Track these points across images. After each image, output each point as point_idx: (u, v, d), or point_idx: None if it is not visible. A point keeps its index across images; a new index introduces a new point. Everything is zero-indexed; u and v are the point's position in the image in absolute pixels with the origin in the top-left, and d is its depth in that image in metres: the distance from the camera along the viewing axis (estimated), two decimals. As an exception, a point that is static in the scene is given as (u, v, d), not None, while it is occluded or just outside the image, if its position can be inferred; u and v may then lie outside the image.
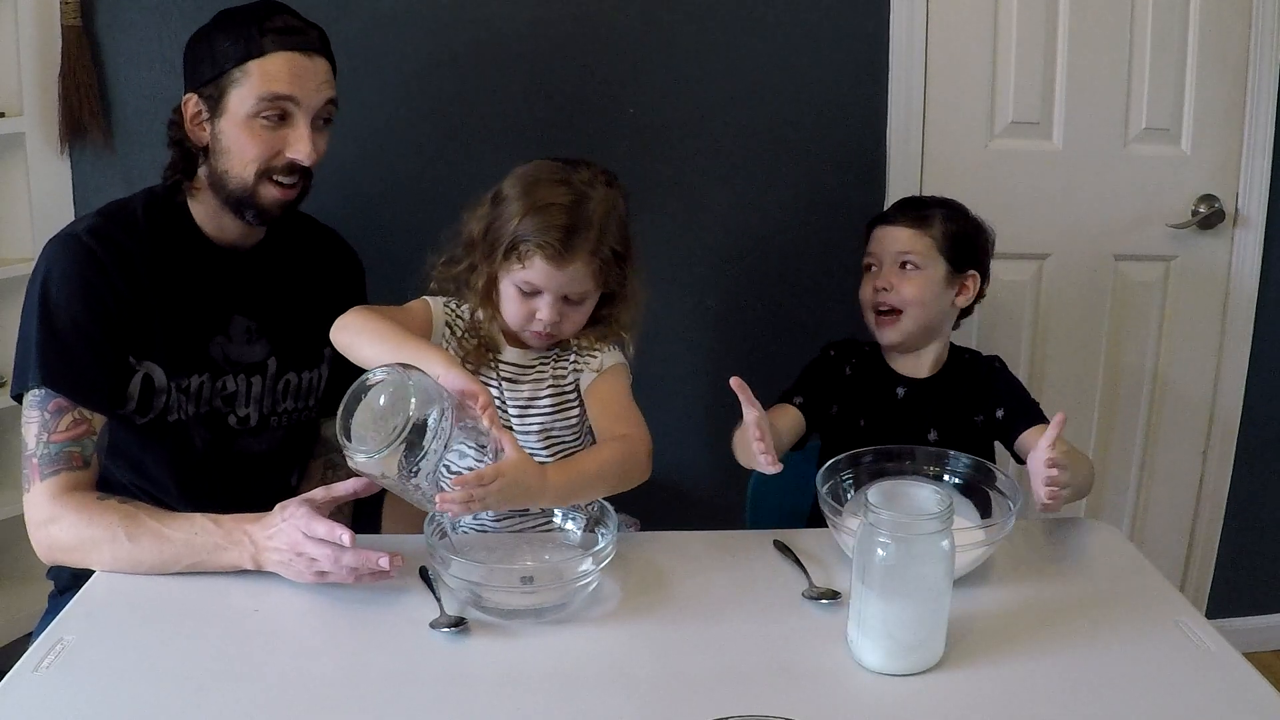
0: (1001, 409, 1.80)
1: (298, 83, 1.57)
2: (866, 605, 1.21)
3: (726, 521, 1.97)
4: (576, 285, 1.54)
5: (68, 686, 1.17)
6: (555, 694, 1.18)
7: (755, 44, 2.24)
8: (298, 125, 1.58)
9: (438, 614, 1.31)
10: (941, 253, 1.84)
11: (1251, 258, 2.43)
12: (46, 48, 2.03)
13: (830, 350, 1.93)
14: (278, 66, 1.55)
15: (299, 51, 1.57)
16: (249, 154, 1.57)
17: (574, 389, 1.61)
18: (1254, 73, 2.33)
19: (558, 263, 1.50)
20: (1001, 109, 2.33)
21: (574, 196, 1.53)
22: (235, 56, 1.55)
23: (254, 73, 1.55)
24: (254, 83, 1.55)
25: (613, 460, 1.49)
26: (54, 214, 2.11)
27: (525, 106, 2.19)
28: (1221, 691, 1.19)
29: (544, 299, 1.53)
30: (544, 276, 1.52)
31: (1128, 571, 1.47)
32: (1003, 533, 1.40)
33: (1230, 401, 2.53)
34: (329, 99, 1.62)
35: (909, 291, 1.81)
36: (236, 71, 1.55)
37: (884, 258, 1.84)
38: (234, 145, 1.58)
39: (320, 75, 1.60)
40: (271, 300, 1.70)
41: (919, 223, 1.84)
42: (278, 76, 1.55)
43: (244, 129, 1.57)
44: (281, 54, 1.55)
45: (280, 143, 1.58)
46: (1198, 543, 2.63)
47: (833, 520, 1.42)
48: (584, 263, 1.52)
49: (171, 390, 1.60)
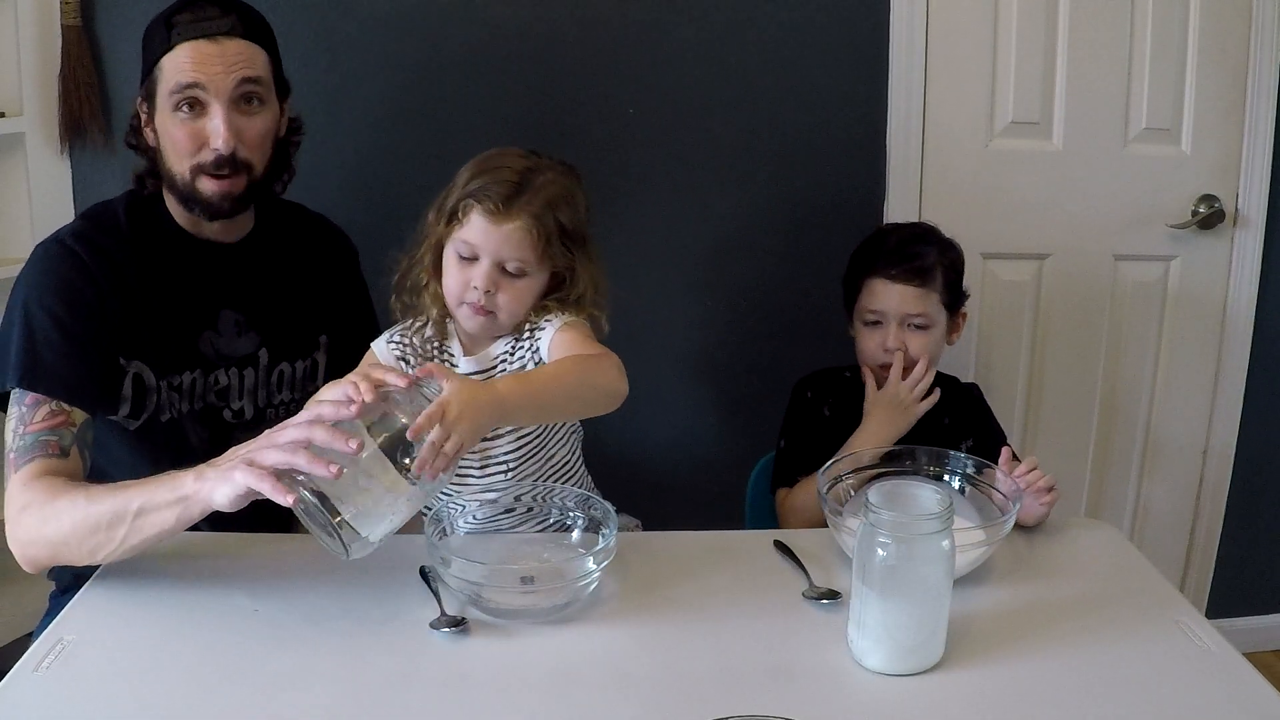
0: (970, 439, 1.84)
1: (201, 69, 1.54)
2: (866, 605, 1.20)
3: (726, 522, 1.98)
4: (513, 250, 1.50)
5: (68, 686, 1.17)
6: (555, 694, 1.18)
7: (755, 44, 2.24)
8: (213, 114, 1.55)
9: (438, 614, 1.30)
10: (945, 305, 1.87)
11: (1251, 258, 2.43)
12: (46, 48, 2.04)
13: (806, 391, 1.94)
14: (183, 57, 1.54)
15: (204, 38, 1.55)
16: (178, 149, 1.57)
17: None
18: (1254, 73, 2.33)
19: (495, 217, 1.48)
20: (1001, 109, 2.33)
21: (527, 165, 1.53)
22: (155, 55, 1.56)
23: (166, 67, 1.55)
24: (166, 77, 1.55)
25: (572, 368, 1.46)
26: (54, 214, 2.10)
27: (525, 107, 2.19)
28: (1221, 691, 1.18)
29: (480, 265, 1.51)
30: (481, 234, 1.49)
31: (1128, 571, 1.47)
32: (1003, 533, 1.40)
33: (1230, 401, 2.53)
34: (244, 78, 1.57)
35: (919, 348, 1.84)
36: (156, 70, 1.56)
37: (890, 316, 1.84)
38: (166, 142, 1.59)
39: (229, 57, 1.56)
40: (259, 292, 1.70)
41: (924, 280, 1.83)
42: (182, 67, 1.54)
43: (170, 124, 1.56)
44: (186, 44, 1.54)
45: (202, 134, 1.56)
46: (1198, 543, 2.63)
47: (833, 520, 1.42)
48: (523, 226, 1.49)
49: (163, 389, 1.60)
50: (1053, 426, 2.52)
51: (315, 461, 1.21)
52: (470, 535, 1.52)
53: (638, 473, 2.36)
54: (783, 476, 1.89)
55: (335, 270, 1.81)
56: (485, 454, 1.58)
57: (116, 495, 1.33)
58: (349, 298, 1.84)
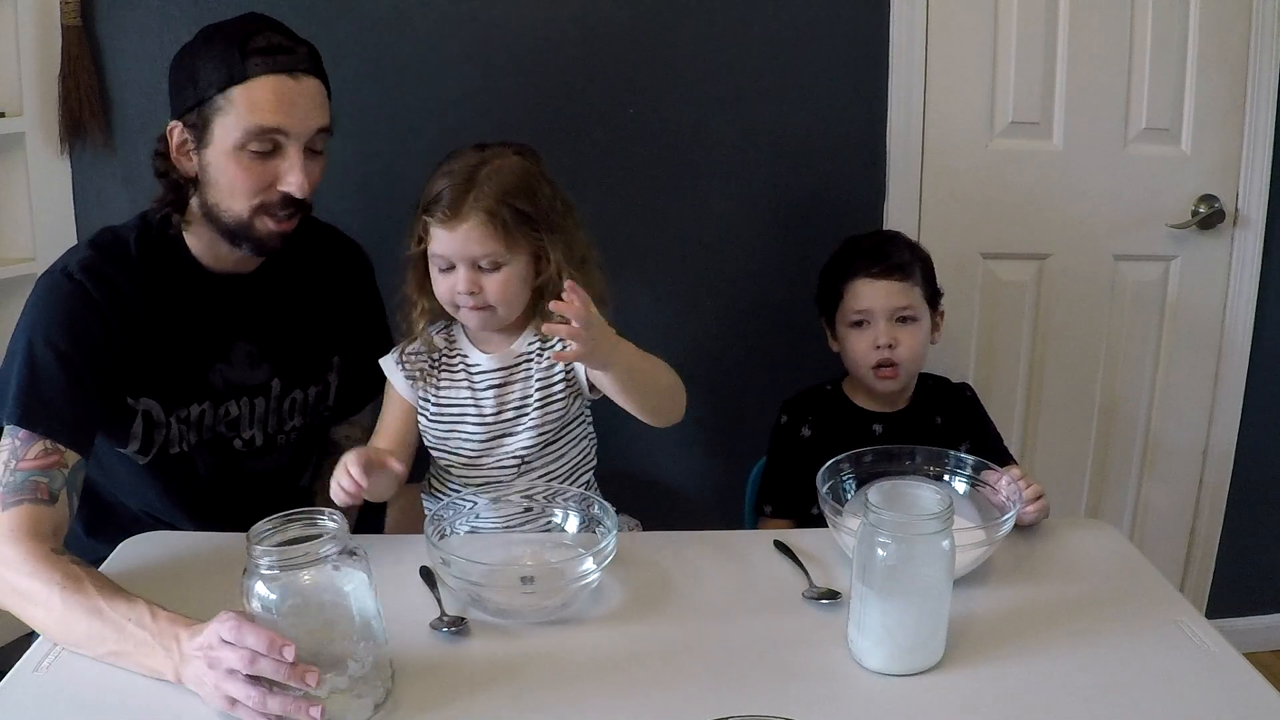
0: (967, 442, 1.85)
1: (286, 111, 1.46)
2: (866, 605, 1.21)
3: (726, 521, 1.98)
4: (477, 247, 1.51)
5: (68, 687, 1.17)
6: (555, 694, 1.18)
7: (755, 44, 2.23)
8: (289, 155, 1.48)
9: (438, 614, 1.30)
10: (926, 299, 1.88)
11: (1251, 258, 2.43)
12: (46, 48, 2.03)
13: (782, 416, 1.95)
14: (263, 93, 1.44)
15: (286, 74, 1.46)
16: (240, 188, 1.48)
17: (560, 381, 1.60)
18: (1254, 73, 2.33)
19: (449, 224, 1.50)
20: (1001, 109, 2.33)
21: (472, 163, 1.53)
22: (218, 81, 1.44)
23: (238, 100, 1.44)
24: (239, 112, 1.44)
25: (669, 373, 1.57)
26: (54, 214, 2.11)
27: (525, 107, 2.19)
28: (1222, 692, 1.18)
29: (457, 270, 1.53)
30: (444, 243, 1.52)
31: (1128, 571, 1.47)
32: (1003, 533, 1.40)
33: (1230, 401, 2.53)
34: (321, 127, 1.52)
35: (909, 343, 1.85)
36: (220, 98, 1.45)
37: (878, 313, 1.85)
38: (222, 178, 1.49)
39: (311, 100, 1.50)
40: (273, 322, 1.65)
41: (905, 274, 1.85)
42: (264, 105, 1.44)
43: (232, 161, 1.47)
44: (267, 78, 1.44)
45: (271, 175, 1.49)
46: (1198, 543, 2.63)
47: (833, 520, 1.42)
48: (479, 223, 1.50)
49: (171, 424, 1.56)
50: (1052, 427, 2.52)
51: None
52: (470, 535, 1.52)
53: (638, 473, 2.36)
54: (762, 497, 1.94)
55: (349, 287, 1.77)
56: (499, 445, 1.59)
57: (91, 622, 1.23)
58: (362, 314, 1.79)
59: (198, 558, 1.46)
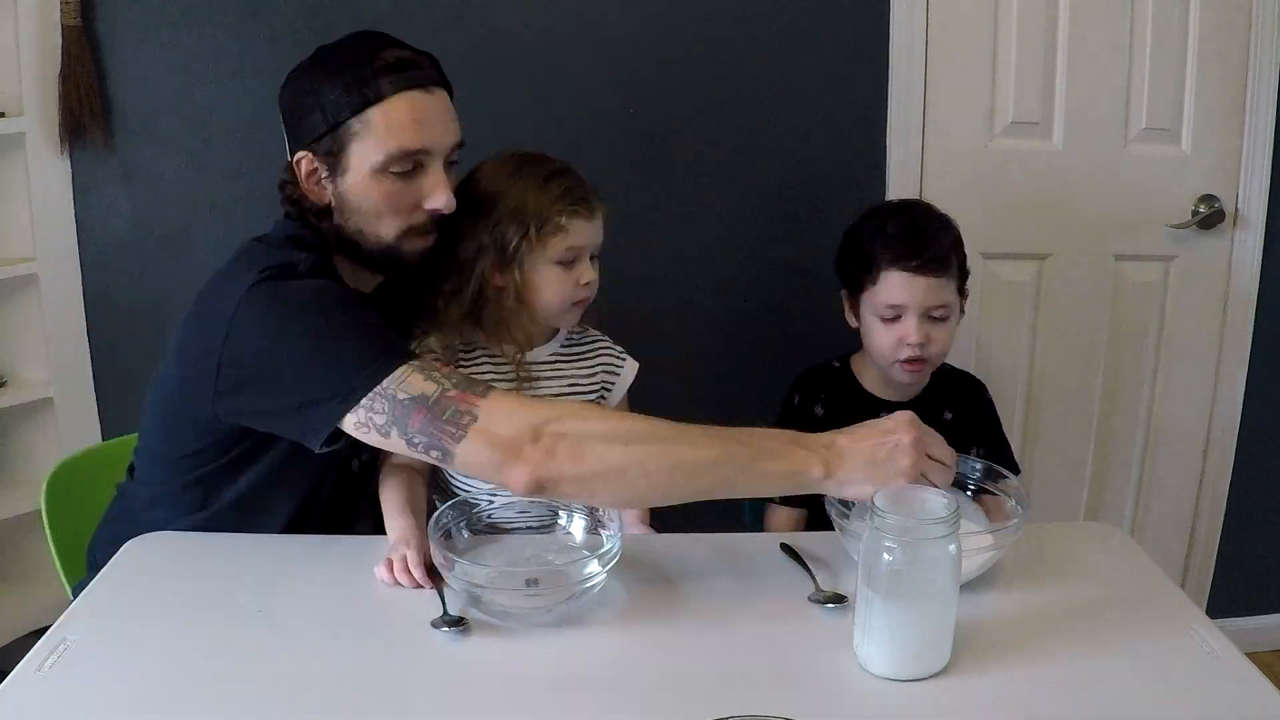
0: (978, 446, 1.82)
1: (426, 131, 1.42)
2: (873, 610, 1.20)
3: (729, 523, 1.97)
4: (600, 235, 1.58)
5: (70, 687, 1.17)
6: (557, 695, 1.18)
7: (755, 44, 2.23)
8: (433, 173, 1.44)
9: (439, 614, 1.30)
10: (959, 292, 1.83)
11: (1251, 258, 2.44)
12: (46, 48, 2.03)
13: (794, 396, 1.90)
14: (401, 113, 1.40)
15: (419, 89, 1.42)
16: (386, 212, 1.43)
17: (596, 390, 1.62)
18: (1254, 73, 2.33)
19: (590, 214, 1.55)
20: (1001, 109, 2.33)
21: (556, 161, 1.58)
22: (351, 106, 1.39)
23: (376, 123, 1.39)
24: (378, 135, 1.40)
25: None
26: (54, 214, 2.11)
27: (525, 107, 2.19)
28: (1234, 699, 1.18)
29: (584, 261, 1.57)
30: (585, 234, 1.56)
31: (1136, 576, 1.47)
32: (1010, 537, 1.39)
33: (1230, 401, 2.53)
34: (457, 142, 1.48)
35: (940, 341, 1.79)
36: (355, 123, 1.40)
37: (912, 308, 1.77)
38: (365, 204, 1.44)
39: (447, 113, 1.46)
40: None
41: (944, 269, 1.77)
42: (403, 126, 1.40)
43: (374, 186, 1.42)
44: (402, 96, 1.40)
45: (416, 194, 1.44)
46: (1198, 543, 2.63)
47: (839, 523, 1.42)
48: (602, 213, 1.58)
49: None
50: (1053, 427, 2.52)
51: None
52: (473, 535, 1.51)
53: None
54: None
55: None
56: None
57: (713, 441, 1.33)
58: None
59: (200, 558, 1.45)
